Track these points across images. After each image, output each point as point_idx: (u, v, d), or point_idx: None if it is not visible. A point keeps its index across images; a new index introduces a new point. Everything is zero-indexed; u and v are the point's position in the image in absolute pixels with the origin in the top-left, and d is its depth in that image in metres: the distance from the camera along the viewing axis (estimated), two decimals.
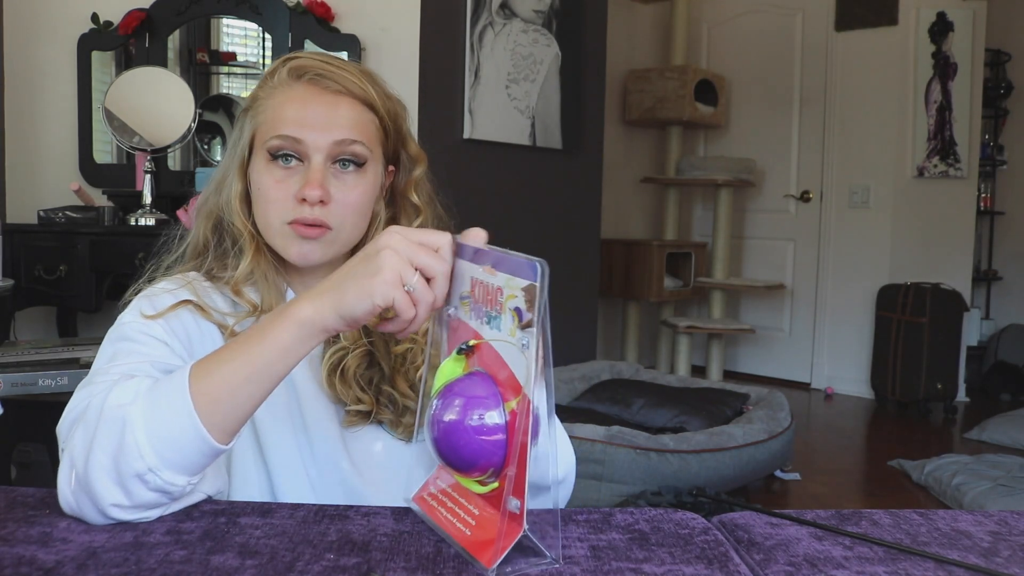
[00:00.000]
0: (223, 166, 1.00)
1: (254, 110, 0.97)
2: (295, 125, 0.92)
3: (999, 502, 2.76)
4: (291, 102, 0.93)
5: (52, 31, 2.80)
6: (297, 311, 0.74)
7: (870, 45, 4.63)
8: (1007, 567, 0.72)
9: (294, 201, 0.92)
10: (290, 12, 2.79)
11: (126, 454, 0.72)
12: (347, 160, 0.93)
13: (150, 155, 2.56)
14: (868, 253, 4.68)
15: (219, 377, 0.74)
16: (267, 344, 0.74)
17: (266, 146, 0.93)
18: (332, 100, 0.93)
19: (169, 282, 0.97)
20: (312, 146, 0.92)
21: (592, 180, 3.90)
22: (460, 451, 0.68)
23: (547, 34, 3.56)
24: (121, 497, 0.73)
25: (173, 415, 0.73)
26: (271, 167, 0.93)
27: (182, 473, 0.74)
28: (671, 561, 0.70)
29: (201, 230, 1.00)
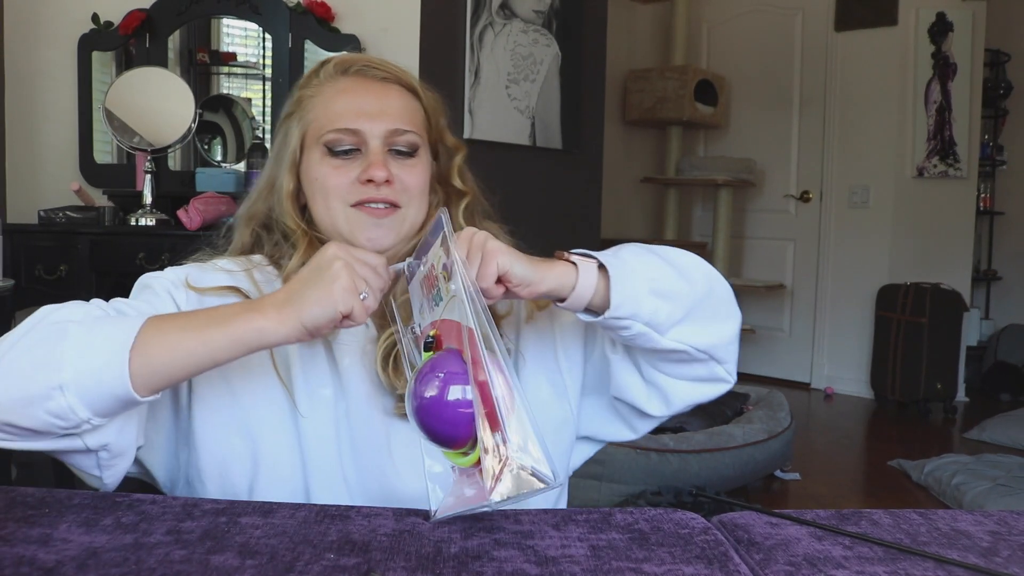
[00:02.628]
0: (268, 174, 1.00)
1: (301, 110, 0.97)
2: (350, 116, 0.93)
3: (999, 502, 2.76)
4: (342, 94, 0.95)
5: (52, 31, 2.79)
6: (261, 319, 0.75)
7: (870, 45, 4.63)
8: (1007, 567, 0.72)
9: (356, 185, 0.93)
10: (290, 12, 2.78)
11: (47, 364, 0.73)
12: (401, 150, 0.95)
13: (150, 155, 2.56)
14: (868, 253, 4.68)
15: (167, 338, 0.75)
16: (224, 335, 0.75)
17: (322, 140, 0.94)
18: (381, 89, 0.96)
19: (231, 262, 0.97)
20: (369, 134, 0.93)
21: (592, 180, 3.90)
22: (441, 424, 0.74)
23: (547, 34, 3.56)
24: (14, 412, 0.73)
25: (108, 348, 0.74)
26: (328, 159, 0.94)
27: (87, 405, 0.73)
28: (671, 561, 0.71)
29: (241, 236, 1.01)
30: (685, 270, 0.87)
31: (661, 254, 0.88)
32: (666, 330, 0.84)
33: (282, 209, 0.97)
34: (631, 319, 0.83)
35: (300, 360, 0.92)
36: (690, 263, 0.89)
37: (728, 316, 0.91)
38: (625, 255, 0.85)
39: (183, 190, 2.71)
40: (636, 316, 0.83)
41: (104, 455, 0.80)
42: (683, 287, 0.85)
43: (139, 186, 2.60)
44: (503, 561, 0.69)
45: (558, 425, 0.98)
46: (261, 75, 2.98)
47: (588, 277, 0.83)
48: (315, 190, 0.95)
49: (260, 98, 2.98)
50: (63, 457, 0.81)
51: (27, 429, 0.74)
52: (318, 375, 0.92)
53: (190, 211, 2.44)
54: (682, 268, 0.87)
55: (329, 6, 2.81)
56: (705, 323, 0.87)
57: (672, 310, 0.84)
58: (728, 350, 0.91)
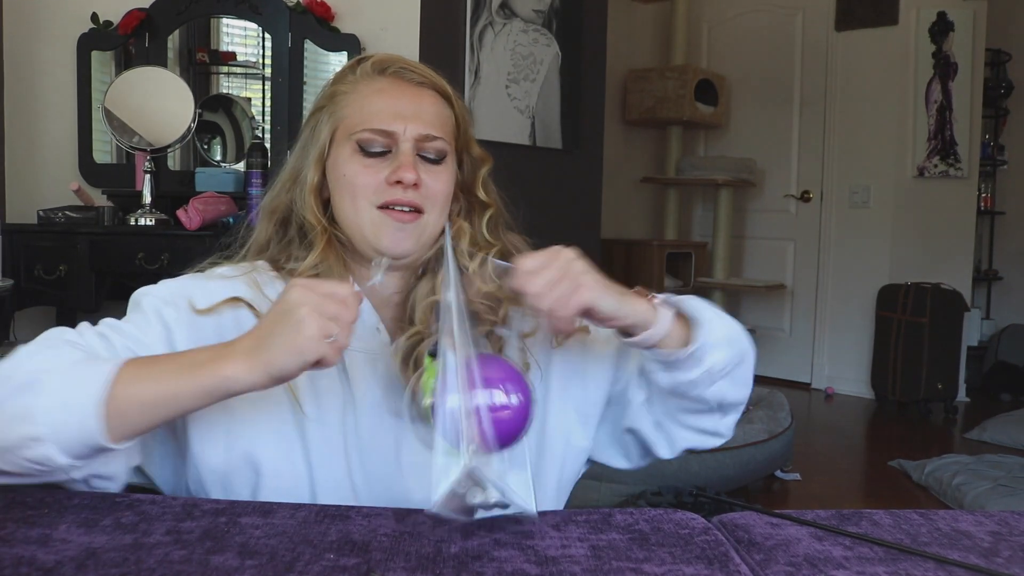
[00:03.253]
0: (293, 165, 0.99)
1: (333, 105, 0.97)
2: (386, 117, 0.93)
3: (999, 502, 2.76)
4: (378, 94, 0.95)
5: (52, 31, 2.79)
6: (229, 367, 0.75)
7: (870, 45, 4.63)
8: (1007, 567, 0.72)
9: (385, 185, 0.93)
10: (290, 12, 2.78)
11: (23, 418, 0.74)
12: (429, 156, 0.95)
13: (150, 155, 2.56)
14: (868, 253, 4.68)
15: (139, 388, 0.76)
16: (192, 382, 0.76)
17: (355, 138, 0.93)
18: (417, 92, 0.96)
19: (231, 268, 0.97)
20: (401, 137, 0.93)
21: (592, 180, 3.90)
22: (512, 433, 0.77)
23: (547, 34, 3.56)
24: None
25: (81, 403, 0.74)
26: (357, 156, 0.94)
27: (65, 453, 0.74)
28: (671, 561, 0.70)
29: (264, 228, 1.00)
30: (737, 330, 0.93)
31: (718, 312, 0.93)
32: (715, 381, 0.90)
33: (304, 203, 0.96)
34: (698, 364, 0.88)
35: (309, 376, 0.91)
36: (737, 325, 0.94)
37: (751, 376, 0.96)
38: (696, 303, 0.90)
39: (183, 190, 2.71)
40: (702, 362, 0.88)
41: (96, 481, 0.81)
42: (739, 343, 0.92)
43: (139, 186, 2.60)
44: (503, 561, 0.69)
45: (578, 452, 1.01)
46: (261, 75, 2.98)
47: (664, 321, 0.87)
48: (343, 186, 0.94)
49: (260, 98, 2.98)
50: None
51: (11, 474, 0.76)
52: (327, 382, 0.91)
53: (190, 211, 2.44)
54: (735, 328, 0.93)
55: (329, 6, 2.81)
56: (739, 382, 0.93)
57: (726, 363, 0.90)
58: (738, 410, 0.97)
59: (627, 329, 0.86)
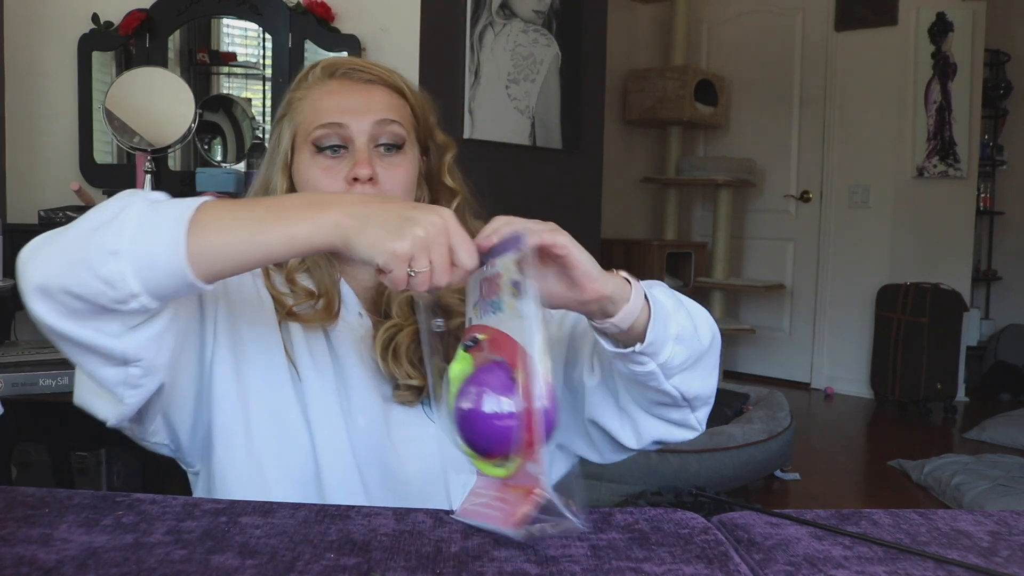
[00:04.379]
0: (263, 174, 1.03)
1: (291, 113, 1.00)
2: (335, 112, 0.96)
3: (999, 502, 2.76)
4: (328, 94, 0.98)
5: (52, 31, 2.79)
6: (324, 214, 0.72)
7: (870, 45, 4.63)
8: (1007, 567, 0.72)
9: (345, 185, 0.95)
10: (290, 12, 2.78)
11: (107, 227, 0.72)
12: (388, 145, 0.97)
13: (150, 155, 2.56)
14: (868, 253, 4.68)
15: (222, 222, 0.72)
16: (281, 225, 0.72)
17: (310, 138, 0.96)
18: (366, 88, 0.99)
19: None
20: (355, 129, 0.96)
21: (592, 180, 3.90)
22: (477, 436, 0.74)
23: (547, 34, 3.56)
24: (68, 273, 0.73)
25: (166, 222, 0.71)
26: (317, 158, 0.97)
27: (138, 277, 0.70)
28: (671, 561, 0.71)
29: None
30: (698, 320, 0.88)
31: (680, 300, 0.89)
32: (672, 375, 0.86)
33: None
34: (652, 358, 0.84)
35: (305, 340, 0.95)
36: (702, 316, 0.90)
37: (716, 369, 0.92)
38: (658, 294, 0.86)
39: (183, 190, 2.71)
40: (656, 356, 0.84)
41: (135, 370, 0.77)
42: (695, 337, 0.87)
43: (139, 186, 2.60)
44: (503, 561, 0.69)
45: None
46: (261, 75, 2.98)
47: (637, 301, 0.82)
48: (307, 189, 0.97)
49: (260, 98, 2.98)
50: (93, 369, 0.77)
51: (78, 296, 0.72)
52: (321, 358, 0.95)
53: None
54: (696, 318, 0.88)
55: (329, 6, 2.81)
56: (701, 374, 0.89)
57: (685, 358, 0.86)
58: (707, 401, 0.92)
59: (609, 301, 0.81)
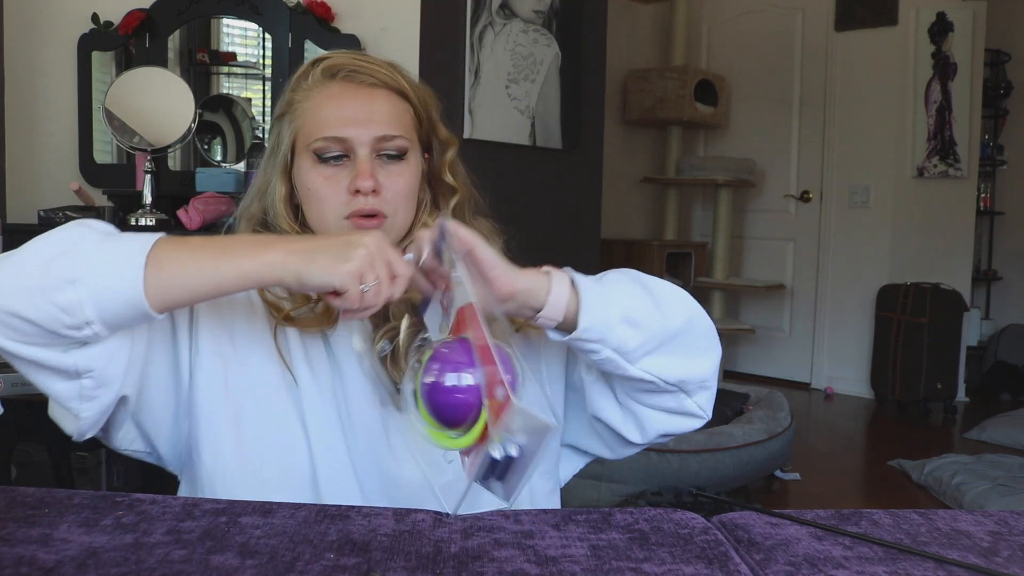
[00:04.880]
0: (263, 173, 1.01)
1: (291, 114, 0.98)
2: (337, 124, 0.94)
3: (999, 502, 2.76)
4: (329, 101, 0.96)
5: (52, 31, 2.79)
6: (269, 252, 0.78)
7: (870, 45, 4.63)
8: (1007, 567, 0.72)
9: (347, 195, 0.94)
10: (290, 12, 2.78)
11: (67, 255, 0.74)
12: (390, 154, 0.96)
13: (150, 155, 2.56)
14: (868, 253, 4.68)
15: (180, 256, 0.77)
16: (232, 262, 0.77)
17: (311, 148, 0.95)
18: (368, 94, 0.96)
19: None
20: (356, 141, 0.94)
21: (592, 180, 3.90)
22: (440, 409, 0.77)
23: (547, 34, 3.56)
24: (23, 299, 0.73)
25: (125, 254, 0.75)
26: (318, 166, 0.95)
27: (95, 306, 0.73)
28: (671, 561, 0.71)
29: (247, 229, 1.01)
30: (665, 302, 0.87)
31: (644, 283, 0.88)
32: (636, 359, 0.85)
33: (276, 212, 0.99)
34: (599, 343, 0.83)
35: (302, 345, 0.94)
36: (672, 295, 0.88)
37: (706, 351, 0.90)
38: (606, 279, 0.87)
39: (183, 190, 2.71)
40: (605, 341, 0.83)
41: (87, 382, 0.78)
42: (658, 318, 0.85)
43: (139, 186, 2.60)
44: (503, 561, 0.69)
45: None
46: (261, 75, 2.98)
47: (561, 289, 0.83)
48: (308, 198, 0.97)
49: (260, 98, 2.98)
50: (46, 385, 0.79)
51: (30, 321, 0.73)
52: (318, 363, 0.94)
53: (190, 211, 2.44)
54: (662, 300, 0.87)
55: (329, 6, 2.81)
56: (679, 356, 0.87)
57: (644, 340, 0.84)
58: (702, 385, 0.90)
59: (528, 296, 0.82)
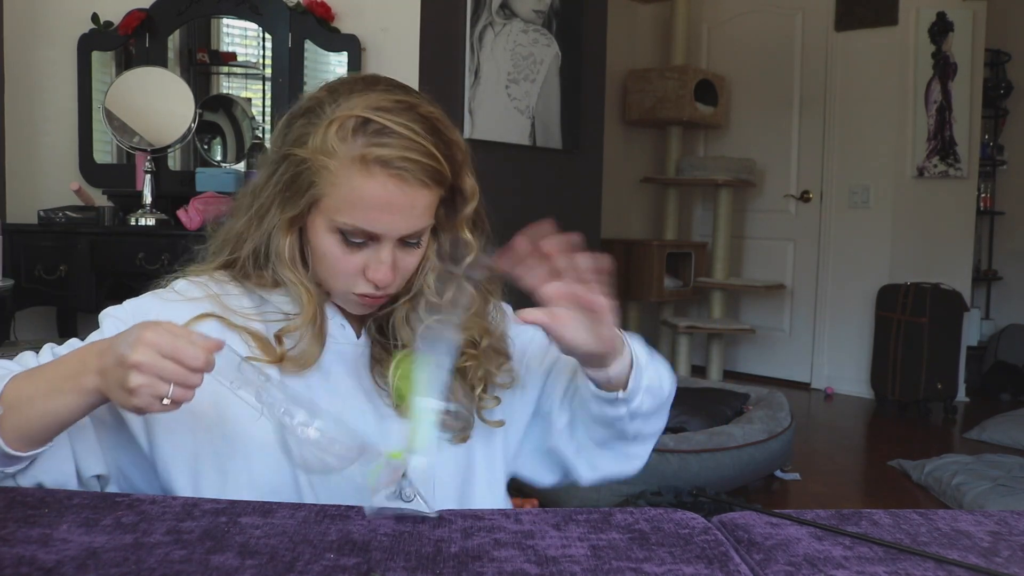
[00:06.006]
0: (265, 193, 0.92)
1: (317, 172, 0.87)
2: (373, 219, 0.87)
3: (999, 502, 2.76)
4: (369, 191, 0.85)
5: (52, 31, 2.80)
6: (88, 381, 0.78)
7: (870, 45, 4.63)
8: (1007, 567, 0.72)
9: (361, 276, 0.90)
10: (290, 12, 2.79)
11: None
12: (410, 242, 0.91)
13: (150, 155, 2.56)
14: (868, 253, 4.68)
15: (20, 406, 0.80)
16: (61, 398, 0.79)
17: (336, 224, 0.88)
18: (412, 194, 0.87)
19: (193, 286, 0.95)
20: (386, 236, 0.89)
21: (592, 180, 3.90)
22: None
23: (547, 34, 3.57)
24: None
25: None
26: (336, 240, 0.89)
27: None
28: (671, 561, 0.71)
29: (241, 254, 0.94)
30: (664, 374, 0.98)
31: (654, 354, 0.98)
32: (635, 419, 0.95)
33: (280, 262, 0.92)
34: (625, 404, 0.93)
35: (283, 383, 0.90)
36: (666, 368, 1.00)
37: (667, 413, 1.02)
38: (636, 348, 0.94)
39: (183, 190, 2.71)
40: (630, 403, 0.93)
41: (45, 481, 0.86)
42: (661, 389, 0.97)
43: (139, 186, 2.60)
44: (503, 561, 0.69)
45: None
46: (261, 75, 2.98)
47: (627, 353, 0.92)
48: (319, 260, 0.91)
49: (260, 98, 2.99)
50: None
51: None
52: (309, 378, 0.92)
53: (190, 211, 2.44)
54: (662, 372, 0.98)
55: (329, 6, 2.81)
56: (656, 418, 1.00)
57: (650, 406, 0.96)
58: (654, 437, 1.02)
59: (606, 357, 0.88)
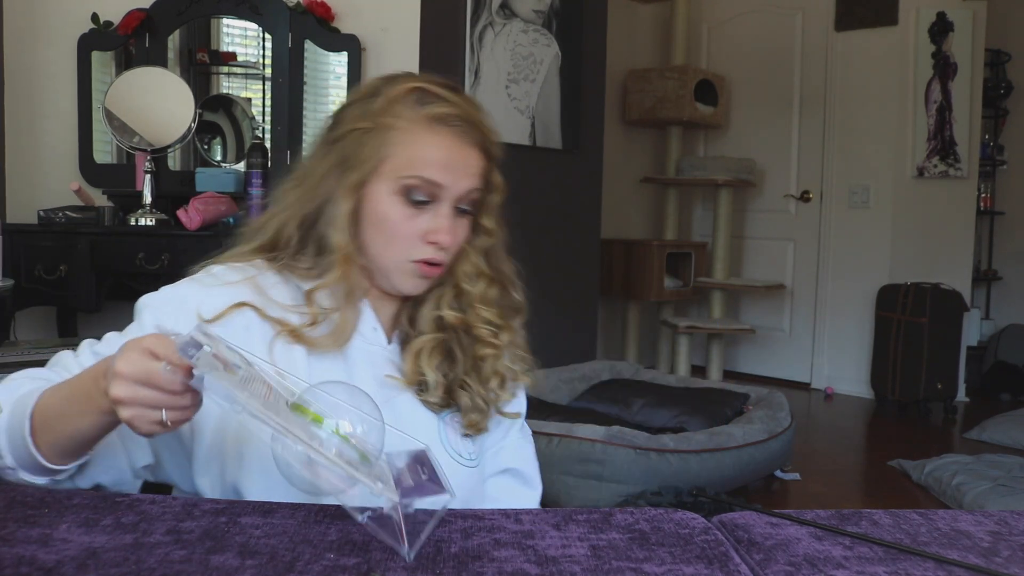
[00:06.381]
0: (322, 175, 0.94)
1: (383, 136, 0.93)
2: (438, 169, 0.93)
3: (999, 502, 2.76)
4: (434, 144, 0.93)
5: (52, 31, 2.79)
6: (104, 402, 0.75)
7: (870, 45, 4.63)
8: (1007, 567, 0.72)
9: (421, 240, 0.94)
10: (290, 12, 2.78)
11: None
12: (464, 208, 0.96)
13: (150, 155, 2.56)
14: (868, 253, 4.68)
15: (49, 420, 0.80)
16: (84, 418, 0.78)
17: (402, 182, 0.92)
18: (468, 150, 0.95)
19: (228, 270, 0.95)
20: (448, 191, 0.94)
21: (592, 180, 3.90)
22: None
23: (547, 34, 3.56)
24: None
25: (20, 430, 0.80)
26: (399, 202, 0.93)
27: (26, 471, 0.82)
28: (671, 561, 0.71)
29: (287, 228, 0.96)
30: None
31: None
32: None
33: (336, 227, 0.93)
34: None
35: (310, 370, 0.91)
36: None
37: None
38: None
39: (183, 190, 2.71)
40: None
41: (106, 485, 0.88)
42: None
43: (139, 186, 2.60)
44: (503, 561, 0.69)
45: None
46: (261, 75, 2.98)
47: None
48: (377, 225, 0.94)
49: (260, 98, 2.98)
50: None
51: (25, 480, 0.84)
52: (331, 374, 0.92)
53: (190, 211, 2.44)
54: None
55: (329, 6, 2.81)
56: None
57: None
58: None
59: None
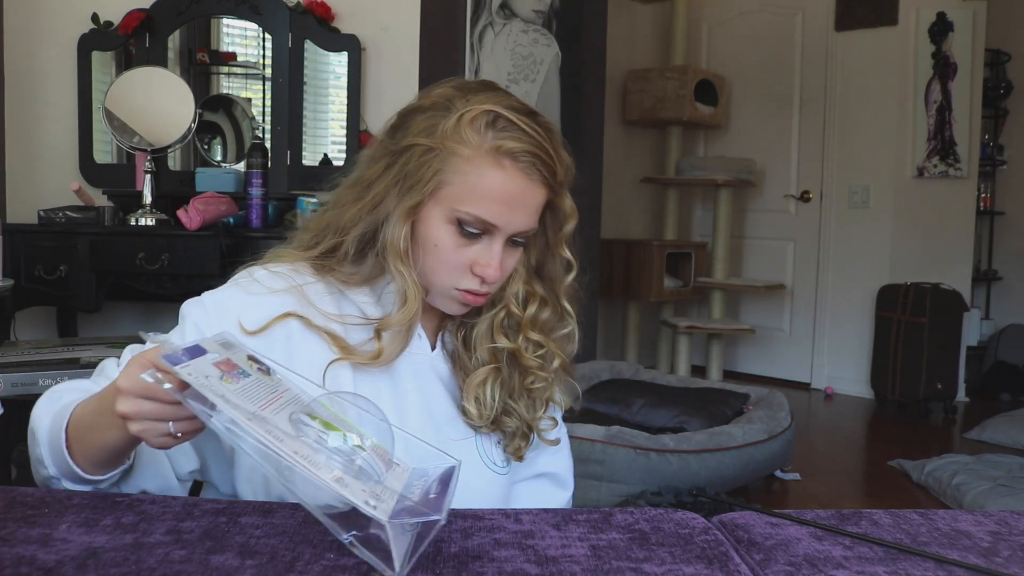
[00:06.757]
0: (380, 183, 0.92)
1: (445, 160, 0.89)
2: (496, 210, 0.89)
3: (999, 502, 2.76)
4: (497, 185, 0.89)
5: (52, 31, 2.79)
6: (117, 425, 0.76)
7: (870, 45, 4.63)
8: (1007, 567, 0.72)
9: (468, 270, 0.92)
10: (290, 12, 2.78)
11: (36, 463, 0.87)
12: (517, 241, 0.94)
13: (150, 155, 2.56)
14: (868, 253, 4.68)
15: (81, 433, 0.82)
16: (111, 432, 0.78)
17: (457, 214, 0.90)
18: (534, 191, 0.91)
19: (275, 277, 0.93)
20: (503, 230, 0.91)
21: (592, 180, 3.90)
22: None
23: (547, 34, 3.57)
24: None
25: (58, 443, 0.83)
26: (451, 231, 0.91)
27: (79, 483, 0.84)
28: (671, 561, 0.71)
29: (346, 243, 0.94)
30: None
31: None
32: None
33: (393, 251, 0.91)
34: None
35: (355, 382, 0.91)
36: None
37: None
38: None
39: (183, 190, 2.71)
40: None
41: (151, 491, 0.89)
42: None
43: (139, 186, 2.60)
44: (503, 561, 0.69)
45: None
46: (261, 75, 2.98)
47: None
48: (429, 249, 0.92)
49: (260, 98, 2.98)
50: None
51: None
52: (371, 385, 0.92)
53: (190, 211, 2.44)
54: None
55: (329, 6, 2.81)
56: None
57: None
58: None
59: None
